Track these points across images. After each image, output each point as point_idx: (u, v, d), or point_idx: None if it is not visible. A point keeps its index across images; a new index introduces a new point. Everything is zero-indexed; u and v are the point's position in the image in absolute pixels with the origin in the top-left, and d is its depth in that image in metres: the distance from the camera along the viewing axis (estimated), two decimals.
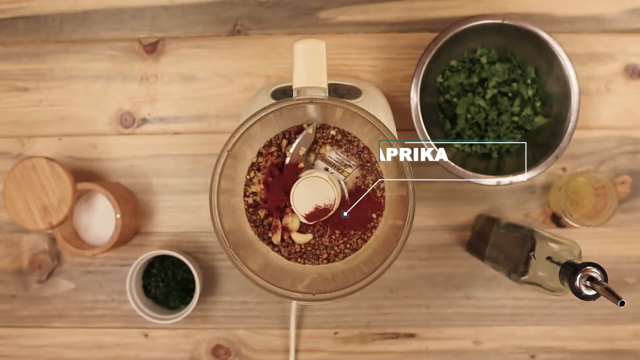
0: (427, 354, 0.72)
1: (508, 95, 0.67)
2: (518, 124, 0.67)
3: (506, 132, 0.67)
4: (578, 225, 0.68)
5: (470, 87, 0.68)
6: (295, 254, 0.50)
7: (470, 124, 0.67)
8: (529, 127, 0.67)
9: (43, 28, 0.73)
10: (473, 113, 0.67)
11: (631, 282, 0.71)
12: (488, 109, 0.67)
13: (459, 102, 0.67)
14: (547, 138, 0.66)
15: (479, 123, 0.67)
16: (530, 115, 0.67)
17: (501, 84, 0.67)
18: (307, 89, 0.45)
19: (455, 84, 0.68)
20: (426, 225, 0.72)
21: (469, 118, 0.67)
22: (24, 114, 0.73)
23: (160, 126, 0.72)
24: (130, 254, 0.73)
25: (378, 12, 0.71)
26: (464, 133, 0.68)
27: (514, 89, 0.67)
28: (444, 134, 0.69)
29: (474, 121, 0.67)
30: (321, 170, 0.49)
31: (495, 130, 0.67)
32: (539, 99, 0.67)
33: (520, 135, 0.68)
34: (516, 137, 0.68)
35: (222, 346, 0.73)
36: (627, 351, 0.72)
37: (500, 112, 0.67)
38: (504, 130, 0.67)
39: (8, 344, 0.74)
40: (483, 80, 0.68)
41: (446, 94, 0.68)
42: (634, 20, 0.70)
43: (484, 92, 0.67)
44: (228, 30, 0.72)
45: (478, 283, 0.72)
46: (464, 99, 0.67)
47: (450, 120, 0.69)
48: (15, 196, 0.65)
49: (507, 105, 0.67)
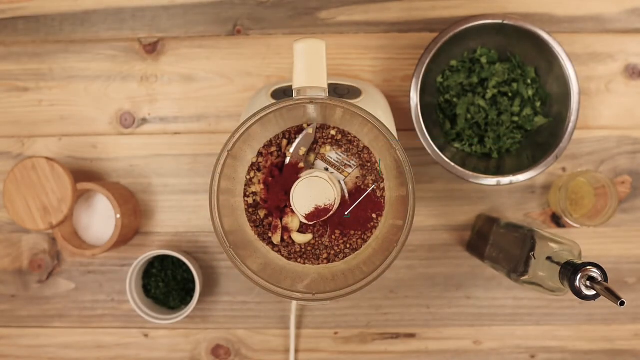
0: (427, 354, 0.72)
1: (508, 95, 0.67)
2: (518, 124, 0.67)
3: (506, 132, 0.67)
4: (578, 225, 0.68)
5: (470, 87, 0.68)
6: (295, 254, 0.50)
7: (470, 124, 0.67)
8: (529, 127, 0.67)
9: (43, 28, 0.73)
10: (473, 113, 0.67)
11: (631, 282, 0.71)
12: (488, 109, 0.67)
13: (459, 102, 0.67)
14: (547, 138, 0.66)
15: (479, 123, 0.67)
16: (530, 115, 0.67)
17: (501, 84, 0.67)
18: (307, 89, 0.45)
19: (455, 84, 0.68)
20: (426, 225, 0.72)
21: (469, 118, 0.67)
22: (24, 114, 0.73)
23: (160, 126, 0.72)
24: (130, 254, 0.73)
25: (378, 12, 0.71)
26: (464, 133, 0.68)
27: (514, 89, 0.67)
28: (444, 134, 0.69)
29: (474, 121, 0.67)
30: (321, 170, 0.49)
31: (495, 130, 0.67)
32: (539, 98, 0.67)
33: (520, 135, 0.68)
34: (516, 138, 0.68)
35: (222, 346, 0.73)
36: (627, 351, 0.72)
37: (500, 112, 0.67)
38: (504, 130, 0.67)
39: (8, 344, 0.74)
40: (483, 80, 0.68)
41: (446, 94, 0.68)
42: (634, 20, 0.70)
43: (484, 92, 0.67)
44: (228, 30, 0.72)
45: (478, 283, 0.72)
46: (464, 99, 0.67)
47: (450, 120, 0.69)
48: (15, 196, 0.65)
49: (507, 105, 0.67)
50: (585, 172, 0.68)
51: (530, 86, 0.67)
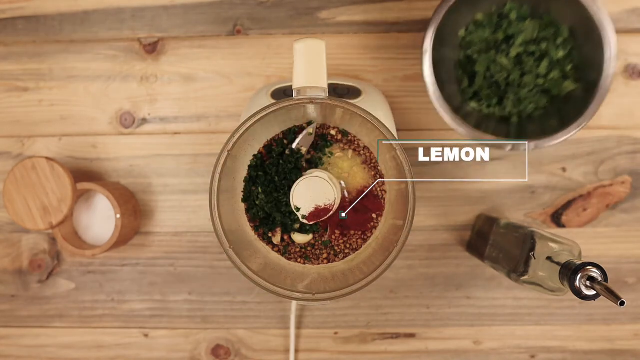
0: (427, 354, 0.72)
1: (535, 56, 0.62)
2: (544, 87, 0.63)
3: (528, 96, 0.63)
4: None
5: (495, 44, 0.63)
6: (295, 254, 0.50)
7: (489, 82, 0.63)
8: (556, 92, 0.62)
9: (43, 28, 0.73)
10: (493, 71, 0.63)
11: (631, 282, 0.71)
12: (511, 69, 0.62)
13: (480, 59, 0.63)
14: (575, 106, 0.61)
15: (498, 83, 0.63)
16: (558, 79, 0.62)
17: (529, 43, 0.62)
18: (307, 89, 0.45)
19: (479, 39, 0.63)
20: (426, 225, 0.72)
21: (488, 76, 0.63)
22: (24, 114, 0.73)
23: (160, 126, 0.72)
24: (130, 254, 0.73)
25: (378, 12, 0.71)
26: (482, 92, 0.64)
27: (542, 48, 0.62)
28: (461, 91, 0.65)
29: (493, 80, 0.63)
30: (321, 170, 0.49)
31: (515, 93, 0.63)
32: (570, 62, 0.63)
33: (546, 100, 0.63)
34: (540, 102, 0.63)
35: (222, 346, 0.73)
36: (627, 351, 0.72)
37: (523, 72, 0.62)
38: (526, 92, 0.62)
39: (8, 344, 0.74)
40: (509, 37, 0.63)
41: (468, 49, 0.64)
42: (634, 20, 0.70)
43: (508, 50, 0.63)
44: (228, 30, 0.72)
45: (478, 283, 0.72)
46: (484, 56, 0.63)
47: (469, 77, 0.65)
48: (15, 196, 0.65)
49: (533, 66, 0.62)
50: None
51: (561, 47, 0.62)
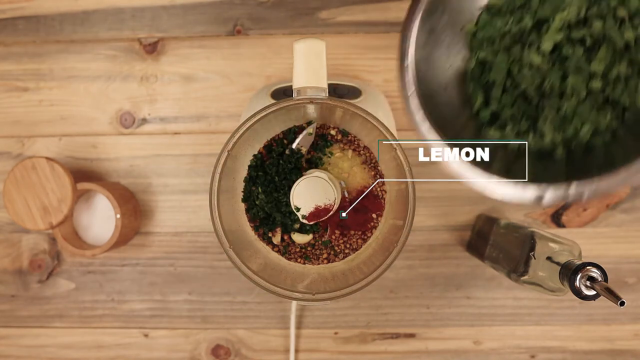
0: (427, 354, 0.72)
1: (585, 44, 0.38)
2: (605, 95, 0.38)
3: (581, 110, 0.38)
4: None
5: (520, 38, 0.41)
6: (295, 254, 0.50)
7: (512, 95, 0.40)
8: (626, 102, 0.37)
9: (43, 28, 0.73)
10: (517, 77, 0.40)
11: (631, 282, 0.71)
12: (547, 69, 0.38)
13: (496, 61, 0.41)
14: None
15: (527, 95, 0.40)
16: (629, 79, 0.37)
17: (573, 27, 0.38)
18: (307, 89, 0.45)
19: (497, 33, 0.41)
20: (426, 225, 0.72)
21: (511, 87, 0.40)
22: (24, 114, 0.73)
23: (160, 126, 0.72)
24: (130, 254, 0.73)
25: (378, 12, 0.71)
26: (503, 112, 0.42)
27: (595, 31, 0.37)
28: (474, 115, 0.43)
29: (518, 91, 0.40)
30: (321, 170, 0.49)
31: (556, 108, 0.39)
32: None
33: (610, 116, 0.38)
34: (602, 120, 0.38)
35: (222, 346, 0.73)
36: (627, 351, 0.72)
37: (566, 73, 0.38)
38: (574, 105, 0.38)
39: (8, 344, 0.74)
40: (540, 23, 0.39)
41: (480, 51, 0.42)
42: None
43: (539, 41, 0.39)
44: (228, 30, 0.72)
45: (478, 283, 0.72)
46: (502, 57, 0.40)
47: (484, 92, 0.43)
48: (15, 196, 0.65)
49: (582, 61, 0.38)
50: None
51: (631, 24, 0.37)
